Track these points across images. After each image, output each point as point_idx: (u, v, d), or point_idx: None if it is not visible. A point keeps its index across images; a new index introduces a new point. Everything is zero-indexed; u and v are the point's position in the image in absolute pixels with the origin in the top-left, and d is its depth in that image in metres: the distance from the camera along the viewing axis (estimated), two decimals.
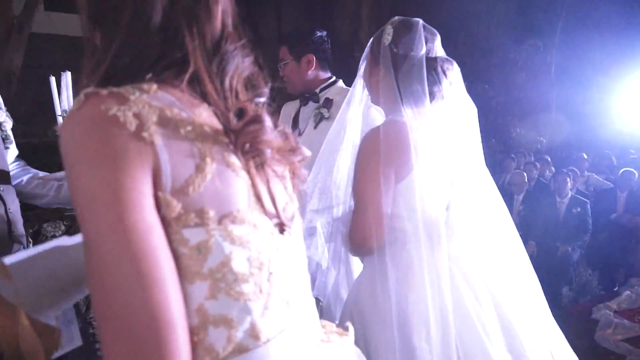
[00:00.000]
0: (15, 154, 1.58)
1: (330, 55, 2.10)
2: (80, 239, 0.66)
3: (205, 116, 0.59)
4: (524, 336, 1.23)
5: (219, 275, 0.56)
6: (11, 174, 1.47)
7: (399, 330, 1.17)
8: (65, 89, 1.74)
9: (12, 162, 1.54)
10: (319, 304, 1.42)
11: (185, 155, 0.54)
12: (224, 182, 0.57)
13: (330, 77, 2.09)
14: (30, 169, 1.61)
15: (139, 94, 0.53)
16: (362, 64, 1.40)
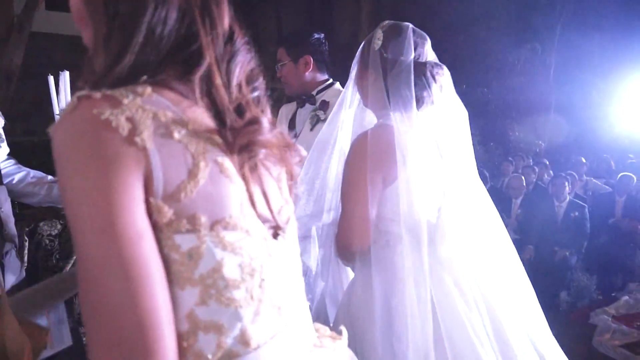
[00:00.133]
0: (6, 152, 1.57)
1: (328, 57, 2.10)
2: None
3: (200, 117, 0.59)
4: (516, 341, 1.22)
5: (210, 281, 0.56)
6: (2, 172, 1.46)
7: (384, 333, 1.18)
8: (63, 88, 1.73)
9: (3, 160, 1.54)
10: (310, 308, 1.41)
11: (177, 160, 0.54)
12: (216, 187, 0.57)
13: (327, 80, 2.09)
14: (22, 167, 1.60)
15: (132, 97, 0.53)
16: (353, 67, 1.40)
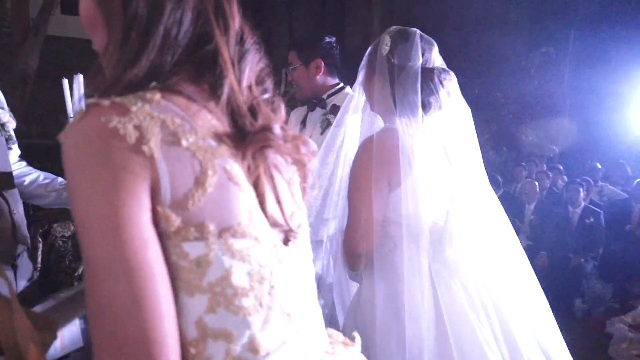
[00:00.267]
0: (17, 154, 1.59)
1: (339, 61, 2.10)
2: None
3: (209, 121, 0.59)
4: (526, 346, 1.23)
5: (219, 289, 0.55)
6: (14, 174, 1.48)
7: (389, 337, 1.19)
8: (77, 91, 1.75)
9: (14, 162, 1.55)
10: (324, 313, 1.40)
11: (185, 168, 0.54)
12: (225, 195, 0.56)
13: (338, 83, 2.09)
14: (32, 170, 1.61)
15: (141, 104, 0.53)
16: (360, 71, 1.43)
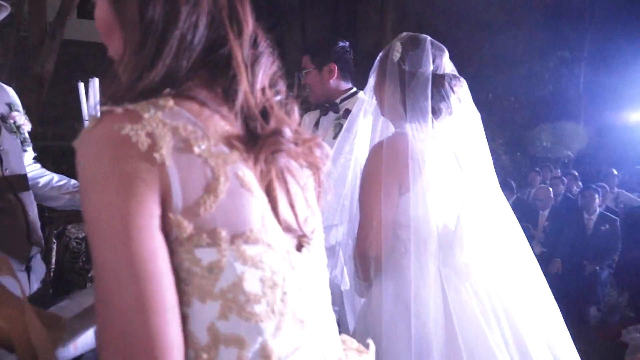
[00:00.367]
0: (32, 156, 1.61)
1: (352, 65, 2.10)
2: None
3: (221, 127, 0.59)
4: (537, 352, 1.22)
5: (231, 295, 0.55)
6: (28, 176, 1.50)
7: (399, 340, 1.19)
8: (92, 94, 1.78)
9: (29, 164, 1.58)
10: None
11: (197, 175, 0.54)
12: (237, 201, 0.56)
13: (351, 88, 2.08)
14: (46, 172, 1.63)
15: (153, 111, 0.53)
16: (371, 76, 1.44)
